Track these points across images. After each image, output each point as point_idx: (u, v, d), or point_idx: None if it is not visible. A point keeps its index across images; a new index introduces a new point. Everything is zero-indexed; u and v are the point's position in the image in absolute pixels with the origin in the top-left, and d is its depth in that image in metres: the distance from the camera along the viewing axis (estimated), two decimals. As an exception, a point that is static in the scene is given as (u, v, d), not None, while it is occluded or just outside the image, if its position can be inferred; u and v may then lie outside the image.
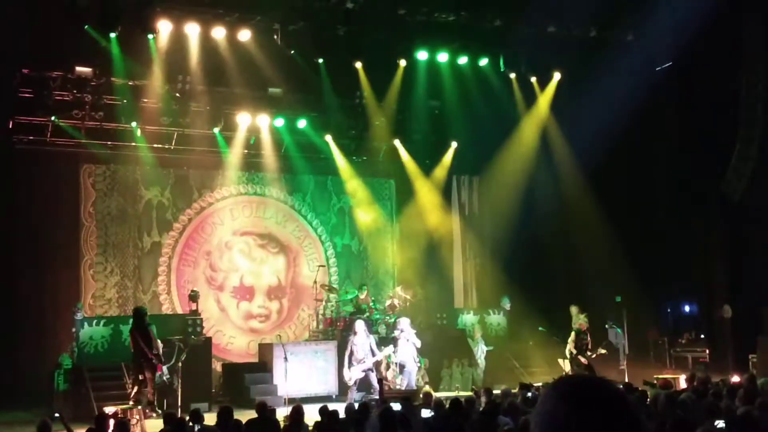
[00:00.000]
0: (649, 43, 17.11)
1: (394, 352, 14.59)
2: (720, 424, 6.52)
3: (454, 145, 19.53)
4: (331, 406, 9.57)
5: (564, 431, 1.54)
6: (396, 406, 8.81)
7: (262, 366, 15.94)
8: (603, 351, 14.58)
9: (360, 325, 14.10)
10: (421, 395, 10.83)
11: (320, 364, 15.52)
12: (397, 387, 14.14)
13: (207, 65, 16.05)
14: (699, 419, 6.92)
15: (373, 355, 13.93)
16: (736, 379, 11.78)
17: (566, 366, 14.54)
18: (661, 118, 18.16)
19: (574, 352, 14.27)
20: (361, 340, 13.98)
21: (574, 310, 16.15)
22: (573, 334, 14.54)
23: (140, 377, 12.84)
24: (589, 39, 17.10)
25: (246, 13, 15.67)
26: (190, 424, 8.78)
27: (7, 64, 14.84)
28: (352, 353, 13.98)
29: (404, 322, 14.79)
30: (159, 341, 13.31)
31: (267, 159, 18.38)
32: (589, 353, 14.27)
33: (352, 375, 13.93)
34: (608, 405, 1.56)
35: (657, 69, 18.20)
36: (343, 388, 15.13)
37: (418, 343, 14.82)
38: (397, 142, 19.15)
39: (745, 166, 16.70)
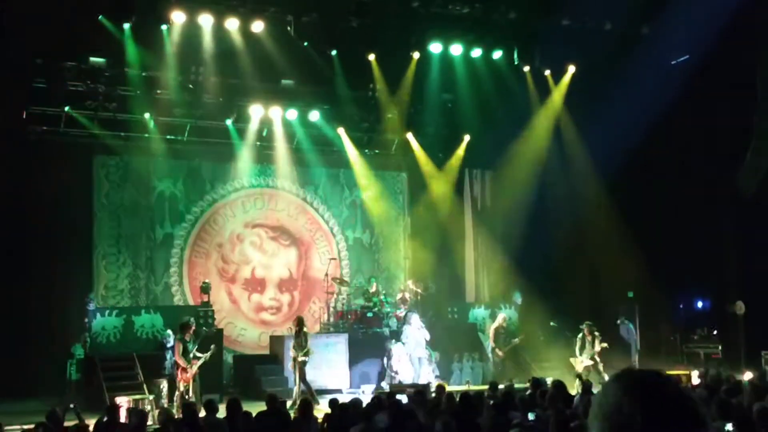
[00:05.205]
0: (665, 36, 16.95)
1: (403, 343, 14.78)
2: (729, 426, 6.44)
3: (466, 138, 19.43)
4: (341, 399, 9.59)
5: (628, 426, 1.52)
6: (404, 399, 8.80)
7: (273, 358, 16.01)
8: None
9: (301, 321, 14.12)
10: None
11: (331, 357, 15.54)
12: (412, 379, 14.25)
13: (220, 57, 16.03)
14: (710, 416, 6.86)
15: None
16: (748, 375, 11.70)
17: (576, 364, 14.47)
18: (675, 112, 18.00)
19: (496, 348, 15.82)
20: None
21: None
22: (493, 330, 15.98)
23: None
24: (604, 32, 16.94)
25: (259, 4, 15.64)
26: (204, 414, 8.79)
27: (21, 54, 14.87)
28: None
29: (413, 317, 15.06)
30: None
31: (279, 151, 18.38)
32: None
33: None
34: (674, 403, 1.54)
35: (673, 62, 18.05)
36: (354, 381, 15.44)
37: (428, 336, 14.96)
38: (409, 135, 19.09)
39: (760, 161, 16.54)
